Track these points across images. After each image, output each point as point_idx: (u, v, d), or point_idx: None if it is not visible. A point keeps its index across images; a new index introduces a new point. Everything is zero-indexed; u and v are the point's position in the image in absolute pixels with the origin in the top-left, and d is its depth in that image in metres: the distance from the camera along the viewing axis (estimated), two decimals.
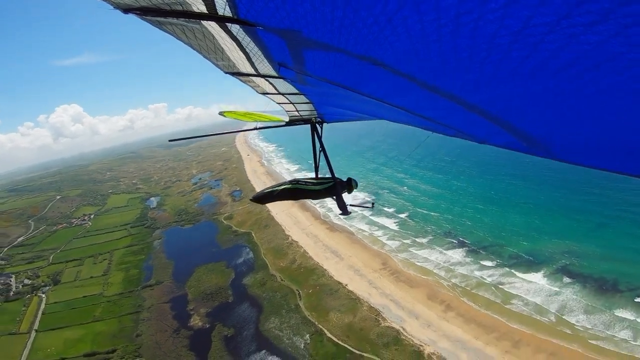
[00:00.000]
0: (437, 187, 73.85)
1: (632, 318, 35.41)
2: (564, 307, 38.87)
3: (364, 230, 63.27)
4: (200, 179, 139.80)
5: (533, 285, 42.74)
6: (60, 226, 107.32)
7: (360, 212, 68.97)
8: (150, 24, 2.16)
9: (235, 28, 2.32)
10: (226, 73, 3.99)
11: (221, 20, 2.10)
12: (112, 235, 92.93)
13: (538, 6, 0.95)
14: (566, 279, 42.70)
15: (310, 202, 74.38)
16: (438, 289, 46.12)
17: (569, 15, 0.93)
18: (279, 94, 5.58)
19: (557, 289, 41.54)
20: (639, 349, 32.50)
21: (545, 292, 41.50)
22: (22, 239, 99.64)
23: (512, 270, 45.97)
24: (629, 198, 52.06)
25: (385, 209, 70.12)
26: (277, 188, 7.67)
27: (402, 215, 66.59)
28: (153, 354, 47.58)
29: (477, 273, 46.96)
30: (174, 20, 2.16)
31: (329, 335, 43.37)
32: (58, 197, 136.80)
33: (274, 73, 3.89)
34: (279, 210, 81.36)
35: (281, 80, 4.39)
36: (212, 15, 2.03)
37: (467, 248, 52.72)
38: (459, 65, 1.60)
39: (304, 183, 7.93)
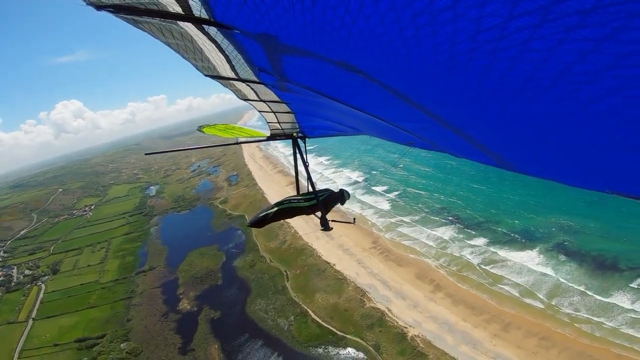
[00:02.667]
0: (430, 166, 71.86)
1: (629, 303, 33.10)
2: (558, 288, 36.74)
3: (355, 210, 61.78)
4: (199, 166, 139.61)
5: (527, 265, 40.64)
6: (62, 218, 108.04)
7: (352, 191, 67.91)
8: (126, 21, 2.00)
9: (212, 30, 2.22)
10: (206, 76, 3.76)
11: (197, 22, 2.02)
12: (111, 224, 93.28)
13: (483, 5, 0.96)
14: (562, 257, 40.50)
15: (303, 183, 73.12)
16: (427, 268, 44.82)
17: (512, 16, 0.94)
18: (260, 100, 5.38)
19: (551, 268, 39.35)
20: (633, 336, 30.33)
21: (539, 271, 39.37)
22: (24, 231, 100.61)
23: (505, 249, 44.05)
24: None
25: (377, 189, 68.67)
26: (270, 211, 7.53)
27: (394, 195, 65.08)
28: (141, 337, 47.69)
29: (469, 252, 45.28)
30: (150, 20, 2.02)
31: (313, 316, 42.70)
32: (60, 190, 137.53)
33: (254, 78, 3.73)
34: (272, 191, 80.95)
35: (262, 86, 4.23)
36: (187, 16, 1.95)
37: (459, 226, 51.01)
38: (424, 74, 1.57)
39: (295, 201, 7.84)
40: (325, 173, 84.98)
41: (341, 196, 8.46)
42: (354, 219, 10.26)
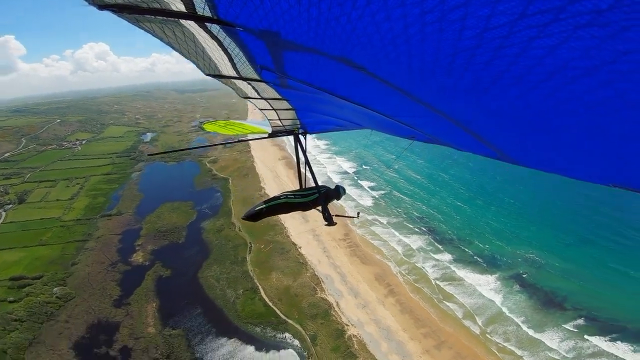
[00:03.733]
0: (422, 175, 69.25)
1: (556, 343, 33.29)
2: (498, 316, 36.25)
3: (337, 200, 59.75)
4: (200, 122, 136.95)
5: (479, 289, 39.74)
6: (50, 147, 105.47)
7: (339, 182, 66.06)
8: (128, 21, 1.98)
9: (215, 28, 2.21)
10: (207, 75, 3.67)
11: (200, 20, 2.03)
12: (95, 161, 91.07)
13: (496, 4, 0.99)
14: (516, 287, 39.74)
15: (295, 160, 71.43)
16: (388, 272, 43.59)
17: (524, 15, 0.97)
18: (262, 98, 5.35)
19: (501, 296, 38.62)
20: None
21: (488, 297, 38.58)
22: (8, 154, 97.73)
23: (466, 270, 42.93)
24: (618, 228, 47.43)
25: (364, 184, 66.89)
26: (267, 205, 7.38)
27: (378, 194, 63.21)
28: (79, 284, 45.53)
29: (431, 265, 44.18)
30: (152, 18, 2.03)
31: (262, 294, 41.36)
32: (58, 120, 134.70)
33: (256, 76, 3.69)
34: (263, 163, 79.69)
35: (263, 83, 4.17)
36: (191, 14, 1.94)
37: (430, 238, 49.48)
38: (426, 69, 1.61)
39: (292, 197, 7.70)
40: (319, 157, 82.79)
41: (337, 192, 8.43)
42: (358, 213, 10.22)
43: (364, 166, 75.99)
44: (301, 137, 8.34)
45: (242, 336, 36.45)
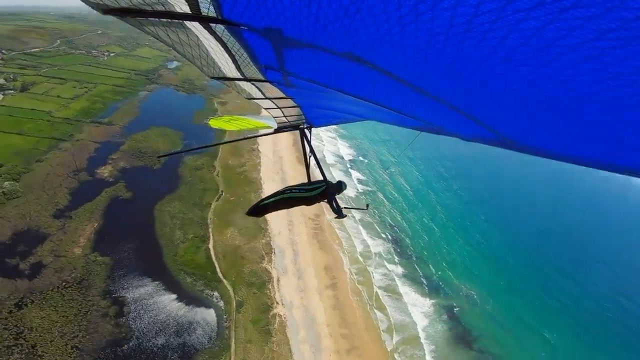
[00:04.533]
0: (411, 187, 64.93)
1: None
2: (413, 340, 35.45)
3: None
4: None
5: (412, 309, 38.53)
6: (78, 51, 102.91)
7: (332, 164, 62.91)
8: (131, 24, 1.95)
9: (220, 29, 2.16)
10: (212, 78, 3.60)
11: (205, 21, 1.97)
12: (113, 73, 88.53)
13: None
14: (443, 317, 38.74)
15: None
16: (339, 265, 41.49)
17: (512, 0, 1.01)
18: (266, 98, 5.18)
19: (426, 322, 37.66)
20: None
21: (414, 319, 37.51)
22: (36, 50, 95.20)
23: (408, 287, 41.54)
24: (557, 292, 45.96)
25: (353, 175, 63.58)
26: (270, 200, 7.13)
27: (362, 189, 60.23)
28: (32, 183, 42.78)
29: (380, 272, 42.38)
30: (156, 21, 1.97)
31: (210, 246, 39.26)
32: (99, 31, 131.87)
33: (260, 76, 3.61)
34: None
35: (268, 84, 4.08)
36: (195, 15, 1.89)
37: (391, 248, 47.22)
38: (418, 57, 1.61)
39: (296, 190, 7.48)
40: (323, 135, 78.18)
41: (339, 187, 8.03)
42: (367, 205, 9.94)
43: (361, 157, 71.96)
44: (306, 131, 7.96)
45: (169, 282, 34.37)
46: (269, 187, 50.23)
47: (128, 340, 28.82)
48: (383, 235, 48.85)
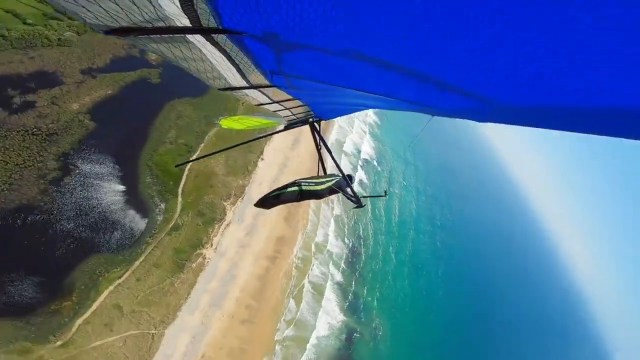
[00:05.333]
0: (400, 216, 62.02)
1: None
2: (302, 342, 35.81)
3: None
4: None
5: (324, 315, 38.88)
6: None
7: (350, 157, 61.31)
8: (133, 43, 1.97)
9: (222, 39, 2.13)
10: (219, 90, 3.58)
11: (206, 32, 1.94)
12: None
13: None
14: (343, 336, 39.27)
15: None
16: (290, 243, 40.75)
17: None
18: (274, 102, 5.11)
19: (327, 333, 38.24)
20: None
21: (319, 325, 37.84)
22: None
23: (336, 296, 41.58)
24: None
25: (359, 174, 60.50)
26: (281, 191, 6.33)
27: (358, 190, 56.22)
28: (89, 40, 37.44)
29: (319, 271, 41.77)
30: (158, 38, 1.98)
31: (190, 159, 37.02)
32: None
33: (265, 82, 3.49)
34: None
35: (273, 88, 3.92)
36: (197, 28, 1.83)
37: (346, 254, 46.65)
38: (396, 32, 1.48)
39: (306, 183, 6.70)
40: (356, 122, 73.70)
41: (350, 180, 7.38)
42: (385, 192, 9.71)
43: (375, 163, 68.19)
44: (316, 125, 7.57)
45: (129, 173, 32.20)
46: (278, 139, 47.66)
47: (42, 212, 26.54)
48: (346, 240, 47.87)
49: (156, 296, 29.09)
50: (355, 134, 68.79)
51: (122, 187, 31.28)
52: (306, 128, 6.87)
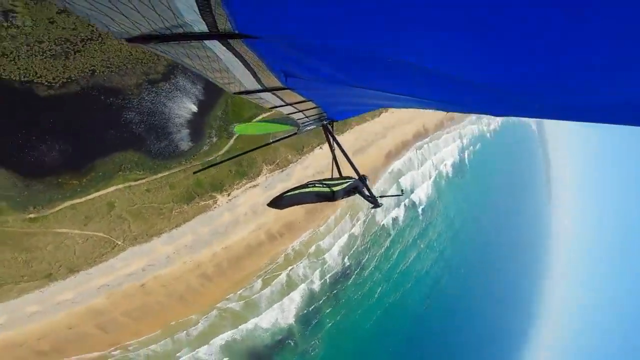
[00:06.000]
0: (408, 269, 59.59)
1: None
2: (239, 320, 35.25)
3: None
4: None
5: (275, 308, 38.26)
6: None
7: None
8: (152, 50, 1.95)
9: (237, 43, 2.10)
10: (234, 94, 3.38)
11: (223, 37, 1.92)
12: None
13: None
14: (277, 337, 38.61)
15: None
16: (296, 234, 40.22)
17: None
18: (287, 104, 4.83)
19: (266, 325, 37.60)
20: None
21: (265, 312, 37.37)
22: None
23: (302, 299, 41.26)
24: None
25: (393, 210, 57.04)
26: (293, 192, 5.79)
27: (386, 222, 54.72)
28: None
29: (306, 270, 41.27)
30: (177, 44, 1.94)
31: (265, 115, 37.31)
32: None
33: (279, 84, 3.37)
34: None
35: (287, 91, 3.75)
36: (214, 33, 1.83)
37: (339, 270, 45.90)
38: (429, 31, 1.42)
39: (319, 185, 6.18)
40: (429, 162, 67.58)
41: (364, 181, 6.84)
42: (402, 191, 11.64)
43: (420, 210, 62.46)
44: (329, 126, 7.44)
45: (208, 99, 32.24)
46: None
47: (123, 98, 27.29)
48: (346, 260, 46.93)
49: (149, 212, 29.76)
50: (420, 174, 62.62)
51: (194, 109, 32.10)
52: (365, 132, 6.53)
